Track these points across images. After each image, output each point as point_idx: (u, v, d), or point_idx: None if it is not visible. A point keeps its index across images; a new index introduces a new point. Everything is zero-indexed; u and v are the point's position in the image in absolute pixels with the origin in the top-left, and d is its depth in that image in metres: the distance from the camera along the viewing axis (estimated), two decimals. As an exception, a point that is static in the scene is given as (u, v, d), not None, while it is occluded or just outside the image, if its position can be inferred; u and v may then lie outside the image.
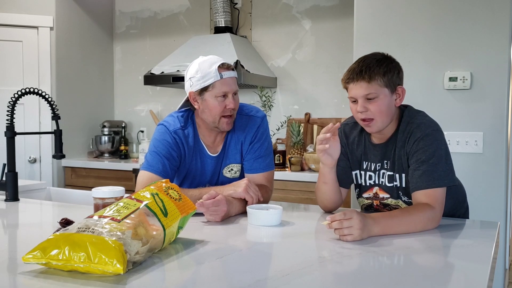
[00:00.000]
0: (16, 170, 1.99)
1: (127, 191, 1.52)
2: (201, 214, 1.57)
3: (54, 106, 1.99)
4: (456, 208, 1.76)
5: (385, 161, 1.64)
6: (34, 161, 3.81)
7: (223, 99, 1.72)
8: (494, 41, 2.39)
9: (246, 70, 3.27)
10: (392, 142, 1.62)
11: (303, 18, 3.63)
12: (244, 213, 1.65)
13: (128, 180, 3.60)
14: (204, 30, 4.02)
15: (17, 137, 1.99)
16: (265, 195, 1.78)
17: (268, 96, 3.49)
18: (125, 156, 4.13)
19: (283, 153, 3.34)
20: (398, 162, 1.60)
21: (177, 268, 1.13)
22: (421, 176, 1.52)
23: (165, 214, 1.21)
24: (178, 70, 3.49)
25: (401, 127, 1.60)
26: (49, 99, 1.98)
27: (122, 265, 0.99)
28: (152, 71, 3.63)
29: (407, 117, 1.61)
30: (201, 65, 1.73)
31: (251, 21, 3.83)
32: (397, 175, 1.61)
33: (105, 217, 1.11)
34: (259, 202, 1.69)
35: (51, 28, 3.81)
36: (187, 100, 1.83)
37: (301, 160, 3.20)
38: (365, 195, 1.71)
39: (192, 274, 1.11)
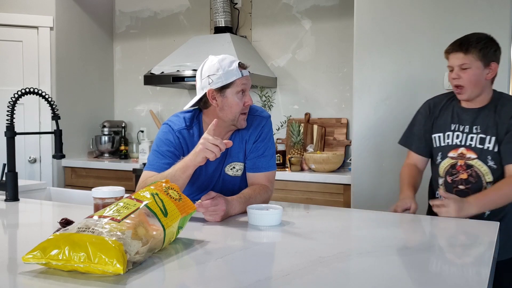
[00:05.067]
0: (16, 170, 1.99)
1: (127, 191, 1.52)
2: (201, 214, 1.57)
3: (54, 106, 1.99)
4: None
5: (474, 126, 1.82)
6: (34, 161, 3.81)
7: (241, 96, 1.75)
8: (494, 41, 2.39)
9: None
10: (487, 109, 1.82)
11: (303, 18, 3.63)
12: (244, 213, 1.65)
13: (128, 180, 3.60)
14: (204, 30, 4.02)
15: (17, 137, 1.99)
16: (265, 195, 1.79)
17: (268, 96, 3.49)
18: (125, 156, 4.13)
19: (283, 153, 3.34)
20: (493, 127, 1.79)
21: (177, 268, 1.13)
22: None
23: (165, 214, 1.21)
24: (178, 70, 3.49)
25: (499, 99, 1.83)
26: (49, 99, 1.98)
27: (122, 265, 0.99)
28: (152, 71, 3.63)
29: (502, 93, 1.87)
30: (222, 63, 1.73)
31: (251, 21, 3.83)
32: (492, 138, 1.78)
33: (105, 217, 1.11)
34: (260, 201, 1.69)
35: (51, 28, 3.81)
36: (200, 99, 1.80)
37: (301, 160, 3.20)
38: (451, 154, 1.86)
39: (192, 274, 1.11)
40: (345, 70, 3.47)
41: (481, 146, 1.80)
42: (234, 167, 1.84)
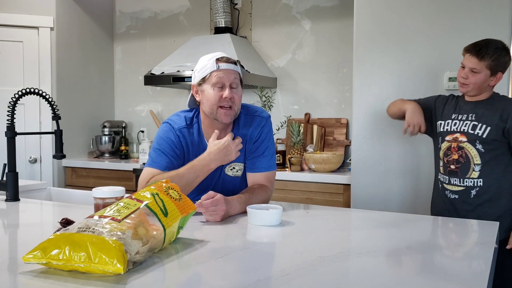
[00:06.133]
0: (17, 170, 1.99)
1: (127, 191, 1.52)
2: (201, 214, 1.57)
3: (54, 106, 1.99)
4: None
5: (470, 115, 2.05)
6: (35, 161, 3.81)
7: (220, 89, 1.75)
8: (494, 41, 2.39)
9: (246, 70, 3.27)
10: (485, 102, 2.05)
11: (303, 18, 3.64)
12: (244, 213, 1.65)
13: (128, 180, 3.61)
14: (204, 30, 4.02)
15: (17, 137, 1.99)
16: (265, 195, 1.79)
17: (268, 96, 3.49)
18: (126, 156, 4.13)
19: (283, 153, 3.34)
20: (486, 117, 2.00)
21: (177, 268, 1.13)
22: None
23: (165, 214, 1.21)
24: (178, 71, 3.49)
25: (496, 98, 2.07)
26: (50, 99, 1.98)
27: (123, 265, 0.99)
28: (152, 72, 3.63)
29: (499, 94, 2.10)
30: (203, 58, 1.79)
31: (251, 21, 3.83)
32: (483, 126, 2.00)
33: (105, 217, 1.11)
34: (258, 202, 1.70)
35: (52, 29, 3.81)
36: (194, 97, 1.85)
37: (301, 160, 3.21)
38: (447, 138, 2.10)
39: (192, 274, 1.11)
40: (345, 70, 3.47)
41: (472, 132, 2.02)
42: (234, 168, 1.84)
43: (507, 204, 2.03)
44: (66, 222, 1.41)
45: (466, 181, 2.04)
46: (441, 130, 2.14)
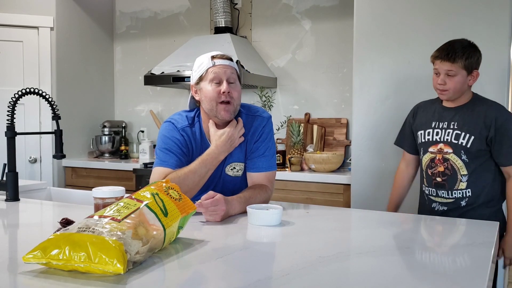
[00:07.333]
0: (17, 170, 1.99)
1: (127, 191, 1.52)
2: (201, 214, 1.57)
3: (54, 106, 1.99)
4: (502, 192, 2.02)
5: (452, 122, 1.97)
6: (35, 161, 3.81)
7: (217, 85, 1.75)
8: (494, 41, 2.39)
9: (246, 70, 3.27)
10: (465, 107, 1.97)
11: (303, 18, 3.64)
12: (244, 213, 1.65)
13: (128, 180, 3.61)
14: (204, 30, 4.02)
15: (17, 137, 1.99)
16: (265, 195, 1.79)
17: (268, 96, 3.49)
18: (126, 156, 4.13)
19: (283, 153, 3.34)
20: (468, 125, 1.93)
21: (177, 268, 1.13)
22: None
23: (165, 214, 1.21)
24: (178, 70, 3.49)
25: (477, 101, 1.98)
26: (50, 99, 1.98)
27: (123, 265, 0.99)
28: (152, 71, 3.63)
29: (478, 95, 2.01)
30: (199, 58, 1.81)
31: (251, 21, 3.83)
32: (466, 135, 1.92)
33: (105, 217, 1.11)
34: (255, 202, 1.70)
35: (52, 29, 3.81)
36: (194, 98, 1.86)
37: (301, 160, 3.21)
38: (431, 149, 2.01)
39: (192, 274, 1.11)
40: (345, 70, 3.47)
41: (456, 142, 1.95)
42: (234, 168, 1.84)
43: (491, 208, 1.97)
44: (66, 222, 1.41)
45: (455, 193, 1.97)
46: (423, 140, 2.05)
